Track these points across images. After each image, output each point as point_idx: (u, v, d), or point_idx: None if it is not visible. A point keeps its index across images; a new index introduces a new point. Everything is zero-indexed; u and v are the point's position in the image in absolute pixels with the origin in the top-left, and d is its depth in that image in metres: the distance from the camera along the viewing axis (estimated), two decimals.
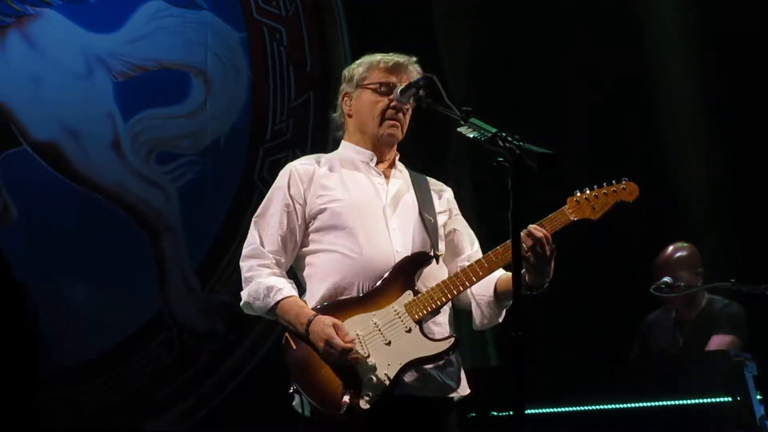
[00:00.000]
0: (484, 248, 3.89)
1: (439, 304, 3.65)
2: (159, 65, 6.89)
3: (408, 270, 3.66)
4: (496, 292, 3.75)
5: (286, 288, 3.70)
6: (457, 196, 4.03)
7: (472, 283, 3.68)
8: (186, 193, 6.88)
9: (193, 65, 6.97)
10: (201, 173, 6.92)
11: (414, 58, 3.88)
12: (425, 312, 3.63)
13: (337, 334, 3.57)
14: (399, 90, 3.74)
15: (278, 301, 3.69)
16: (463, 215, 3.99)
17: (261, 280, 3.73)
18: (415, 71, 3.84)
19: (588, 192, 3.71)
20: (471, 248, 3.90)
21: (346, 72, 3.93)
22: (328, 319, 3.59)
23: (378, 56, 3.87)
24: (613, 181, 3.73)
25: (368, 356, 3.60)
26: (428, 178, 3.98)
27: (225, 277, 6.91)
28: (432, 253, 3.71)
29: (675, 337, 6.12)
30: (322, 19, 7.29)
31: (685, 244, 6.18)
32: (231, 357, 6.93)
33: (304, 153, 6.87)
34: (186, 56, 6.96)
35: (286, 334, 3.71)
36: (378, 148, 3.85)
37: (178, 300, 6.87)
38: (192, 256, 6.90)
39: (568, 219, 3.66)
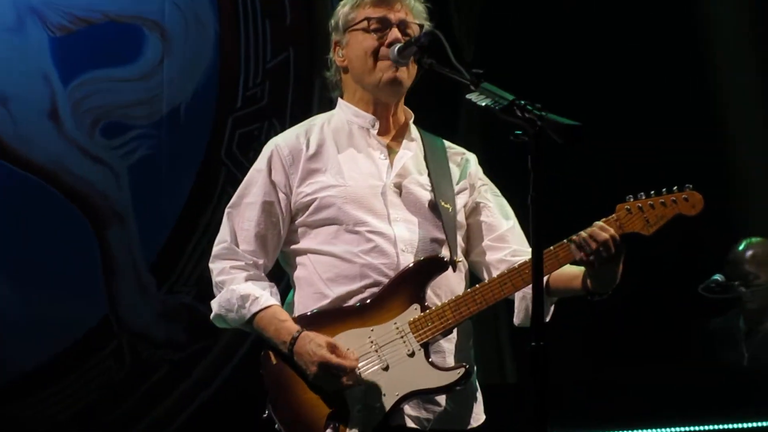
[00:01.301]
0: None
1: (449, 324, 3.63)
2: (105, 17, 6.88)
3: (416, 279, 3.64)
4: (548, 286, 3.71)
5: (263, 296, 3.70)
6: None
7: (495, 301, 3.66)
8: (138, 172, 6.88)
9: (147, 17, 6.96)
10: (156, 148, 6.92)
11: None
12: (432, 334, 3.62)
13: (334, 353, 3.57)
14: (396, 48, 3.73)
15: (255, 313, 3.69)
16: None
17: (234, 287, 3.73)
18: (411, 1, 3.84)
19: (643, 199, 3.63)
20: (506, 223, 3.86)
21: (332, 19, 3.92)
22: (320, 338, 3.58)
23: None
24: (674, 188, 3.63)
25: (361, 381, 3.60)
26: (448, 143, 3.96)
27: (186, 275, 6.92)
28: (448, 259, 3.70)
29: (741, 352, 6.15)
30: None
31: (759, 239, 6.22)
32: (194, 371, 6.94)
33: (282, 123, 6.93)
34: (138, 6, 6.95)
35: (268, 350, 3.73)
36: (381, 103, 3.83)
37: (129, 302, 6.88)
38: (146, 249, 6.90)
39: (618, 232, 3.58)
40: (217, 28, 7.12)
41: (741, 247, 6.22)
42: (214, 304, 3.78)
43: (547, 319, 3.77)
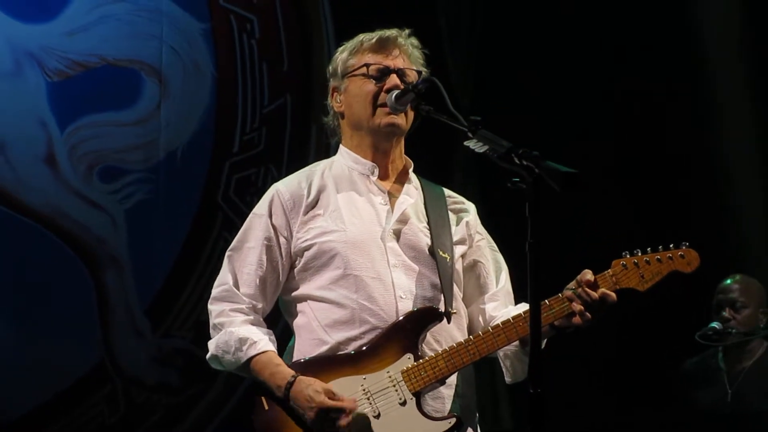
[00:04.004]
0: None
1: (441, 375, 3.64)
2: (103, 62, 6.90)
3: (410, 328, 3.66)
4: (523, 340, 3.73)
5: (261, 341, 3.71)
6: None
7: (488, 352, 3.68)
8: (135, 216, 6.87)
9: (144, 62, 6.98)
10: (153, 193, 6.92)
11: (407, 31, 3.90)
12: (424, 384, 3.63)
13: (331, 398, 3.57)
14: (394, 95, 3.76)
15: (252, 357, 3.70)
16: None
17: (233, 329, 3.74)
18: (409, 45, 3.87)
19: (639, 255, 3.70)
20: (496, 284, 3.90)
21: (330, 65, 3.96)
22: (317, 384, 3.60)
23: (361, 36, 3.90)
24: (671, 246, 3.72)
25: (350, 428, 3.60)
26: (448, 192, 3.99)
27: (181, 319, 6.91)
28: (443, 309, 3.70)
29: (724, 390, 6.17)
30: (302, 7, 7.31)
31: (744, 275, 6.26)
32: (188, 416, 6.92)
33: (279, 168, 6.95)
34: (136, 51, 6.97)
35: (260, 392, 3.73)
36: (380, 149, 3.86)
37: (124, 346, 6.86)
38: (142, 293, 6.89)
39: (612, 287, 3.66)
40: (215, 73, 7.14)
41: (729, 281, 6.26)
42: (211, 345, 3.79)
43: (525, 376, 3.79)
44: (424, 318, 3.68)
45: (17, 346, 6.59)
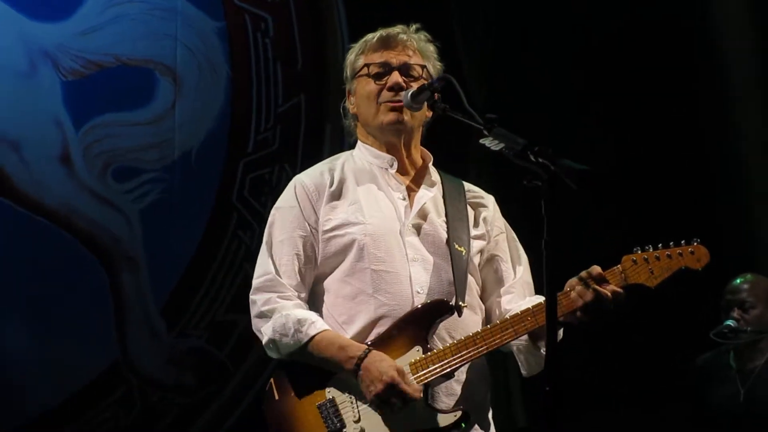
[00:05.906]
0: None
1: (449, 368, 3.66)
2: (118, 61, 6.92)
3: (421, 321, 3.68)
4: (532, 335, 3.75)
5: (319, 321, 3.72)
6: None
7: (496, 346, 3.68)
8: (150, 216, 6.88)
9: (159, 61, 6.99)
10: (168, 192, 6.93)
11: (414, 26, 3.92)
12: (432, 376, 3.64)
13: (402, 377, 3.57)
14: (410, 93, 3.78)
15: (313, 336, 3.69)
16: None
17: (288, 312, 3.73)
18: (414, 40, 3.89)
19: (649, 251, 3.71)
20: (516, 273, 3.92)
21: (344, 65, 3.99)
22: (390, 360, 3.59)
23: (366, 36, 3.94)
24: (681, 242, 3.72)
25: (358, 420, 3.62)
26: (468, 186, 4.01)
27: (197, 319, 6.91)
28: (454, 303, 3.72)
29: (737, 389, 6.17)
30: (316, 6, 7.33)
31: (756, 275, 6.27)
32: (203, 415, 6.93)
33: (293, 167, 6.95)
34: (150, 50, 6.98)
35: (271, 380, 3.75)
36: (391, 145, 3.88)
37: (140, 346, 6.87)
38: (157, 293, 6.90)
39: (622, 282, 3.68)
40: (229, 73, 7.15)
41: (738, 281, 6.26)
42: (267, 330, 3.77)
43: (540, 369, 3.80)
44: (434, 311, 3.70)
45: (33, 346, 6.61)
